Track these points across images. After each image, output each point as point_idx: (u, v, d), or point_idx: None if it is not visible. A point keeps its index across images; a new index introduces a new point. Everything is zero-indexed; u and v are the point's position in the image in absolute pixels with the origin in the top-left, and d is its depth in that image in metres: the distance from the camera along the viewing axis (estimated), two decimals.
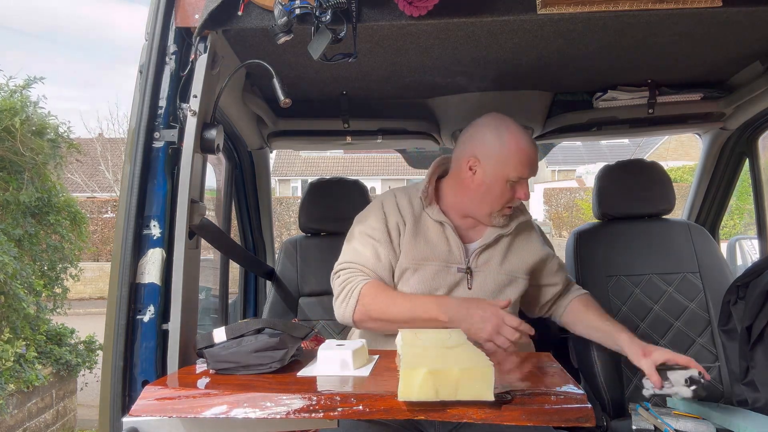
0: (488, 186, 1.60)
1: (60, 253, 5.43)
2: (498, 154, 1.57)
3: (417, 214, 1.66)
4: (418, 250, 1.61)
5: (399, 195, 1.71)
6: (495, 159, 1.58)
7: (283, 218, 16.00)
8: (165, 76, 1.36)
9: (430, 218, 1.65)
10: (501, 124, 1.60)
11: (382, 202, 1.69)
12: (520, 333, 1.45)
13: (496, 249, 1.66)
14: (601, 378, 1.98)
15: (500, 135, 1.58)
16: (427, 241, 1.63)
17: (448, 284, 1.61)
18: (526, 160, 1.57)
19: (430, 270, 1.60)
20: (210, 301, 2.50)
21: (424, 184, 1.68)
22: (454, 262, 1.62)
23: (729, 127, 2.44)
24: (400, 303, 1.53)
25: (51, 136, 5.14)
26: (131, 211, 1.30)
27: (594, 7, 1.31)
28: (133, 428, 1.09)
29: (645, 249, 2.21)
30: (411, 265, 1.60)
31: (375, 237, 1.62)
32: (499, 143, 1.58)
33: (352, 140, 2.50)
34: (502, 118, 1.63)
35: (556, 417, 1.00)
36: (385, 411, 1.01)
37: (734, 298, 1.80)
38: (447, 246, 1.63)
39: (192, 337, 1.32)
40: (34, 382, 4.48)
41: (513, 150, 1.56)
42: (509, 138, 1.57)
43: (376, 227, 1.63)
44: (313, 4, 1.25)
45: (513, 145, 1.57)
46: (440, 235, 1.64)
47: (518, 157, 1.56)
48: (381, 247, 1.61)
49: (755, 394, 1.69)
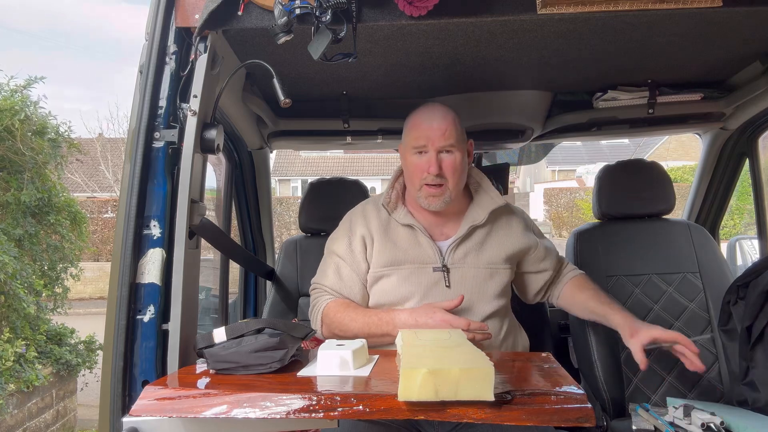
0: (404, 163, 1.68)
1: (60, 253, 5.43)
2: (404, 131, 1.69)
3: (385, 221, 1.70)
4: (388, 256, 1.64)
5: (368, 206, 1.76)
6: (403, 136, 1.69)
7: (283, 218, 16.01)
8: (165, 76, 1.36)
9: (398, 223, 1.67)
10: (417, 108, 1.69)
11: (350, 218, 1.76)
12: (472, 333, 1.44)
13: (471, 242, 1.66)
14: (601, 378, 1.98)
15: (409, 115, 1.69)
16: (398, 245, 1.65)
17: (424, 285, 1.61)
18: (420, 129, 1.61)
19: (404, 273, 1.63)
20: (210, 301, 2.50)
21: (386, 191, 1.73)
22: (428, 263, 1.63)
23: (729, 127, 2.45)
24: (357, 320, 1.58)
25: (51, 136, 5.14)
26: (131, 211, 1.30)
27: (594, 7, 1.31)
28: (133, 428, 1.09)
29: (645, 249, 2.21)
30: (384, 271, 1.64)
31: (339, 255, 1.69)
32: (406, 122, 1.69)
33: (352, 140, 2.50)
34: (426, 103, 1.70)
35: (556, 417, 1.00)
36: (385, 411, 1.01)
37: (734, 298, 1.80)
38: (419, 247, 1.65)
39: (192, 337, 1.32)
40: (34, 382, 4.48)
41: (411, 122, 1.66)
42: (411, 116, 1.68)
43: (341, 245, 1.70)
44: (313, 4, 1.25)
45: (412, 118, 1.66)
46: (410, 238, 1.66)
47: (414, 126, 1.63)
48: (344, 265, 1.68)
49: (755, 394, 1.69)
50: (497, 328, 1.63)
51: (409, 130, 1.65)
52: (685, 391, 2.05)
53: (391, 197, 1.71)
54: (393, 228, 1.68)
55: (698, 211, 2.73)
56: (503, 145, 2.64)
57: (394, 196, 1.72)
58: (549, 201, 18.66)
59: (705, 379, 2.05)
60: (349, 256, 1.68)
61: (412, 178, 1.64)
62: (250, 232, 2.69)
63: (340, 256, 1.69)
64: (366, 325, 1.56)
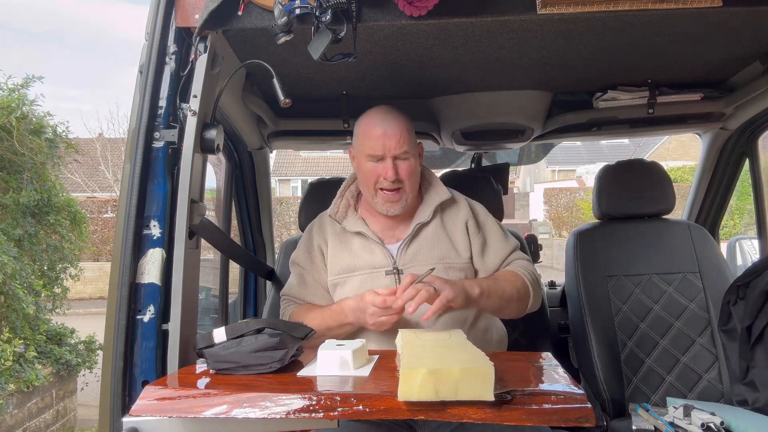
0: (358, 168, 1.68)
1: (60, 253, 5.43)
2: (356, 135, 1.68)
3: (339, 230, 1.72)
4: (341, 264, 1.67)
5: (323, 218, 1.79)
6: (355, 140, 1.69)
7: (283, 218, 16.01)
8: (165, 76, 1.36)
9: (349, 231, 1.69)
10: (367, 111, 1.67)
11: (309, 230, 1.80)
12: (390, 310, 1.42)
13: (420, 240, 1.66)
14: (601, 378, 1.98)
15: (360, 119, 1.67)
16: (351, 253, 1.68)
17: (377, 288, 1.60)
18: (373, 137, 1.59)
19: (357, 280, 1.65)
20: (210, 301, 2.50)
21: (334, 201, 1.75)
22: (380, 267, 1.64)
23: (729, 127, 2.44)
24: (315, 318, 1.60)
25: (49, 135, 5.14)
26: (131, 211, 1.30)
27: (594, 7, 1.31)
28: (133, 428, 1.09)
29: (645, 249, 2.21)
30: (338, 279, 1.68)
31: (301, 265, 1.75)
32: (357, 125, 1.68)
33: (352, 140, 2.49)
34: (374, 108, 1.67)
35: (556, 417, 1.00)
36: (385, 411, 1.01)
37: (734, 298, 1.80)
38: (371, 253, 1.66)
39: (192, 337, 1.32)
40: (34, 382, 4.48)
41: (363, 128, 1.64)
42: (363, 120, 1.66)
43: (302, 256, 1.76)
44: (313, 4, 1.25)
45: (363, 124, 1.65)
46: (362, 245, 1.68)
47: (367, 134, 1.61)
48: (306, 274, 1.74)
49: (755, 394, 1.69)
50: (461, 318, 1.62)
51: (362, 138, 1.63)
52: (685, 391, 2.05)
53: (339, 207, 1.74)
54: (346, 236, 1.71)
55: (698, 211, 2.73)
56: (503, 145, 2.64)
57: (343, 205, 1.75)
58: (549, 201, 18.66)
59: (705, 379, 2.05)
60: (309, 265, 1.74)
61: (367, 184, 1.64)
62: (250, 232, 2.68)
63: (302, 266, 1.75)
64: (323, 320, 1.58)
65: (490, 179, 2.45)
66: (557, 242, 14.83)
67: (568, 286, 2.27)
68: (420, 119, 2.40)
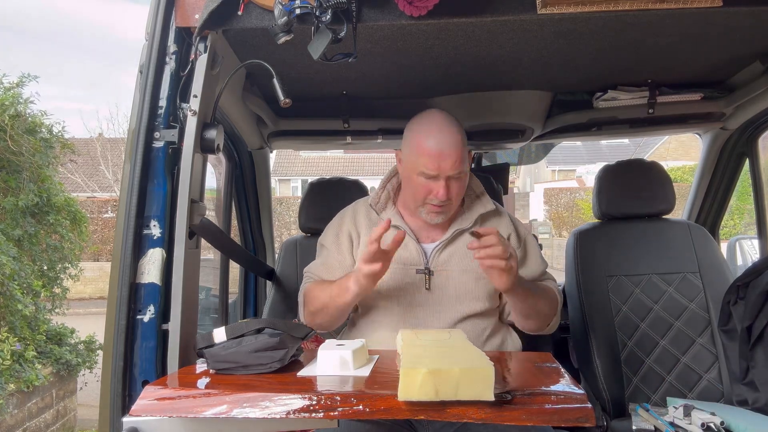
0: (407, 178, 1.61)
1: (60, 253, 5.43)
2: (409, 144, 1.59)
3: (374, 220, 1.70)
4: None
5: (359, 205, 1.77)
6: (407, 149, 1.60)
7: (283, 218, 16.01)
8: (165, 76, 1.36)
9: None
10: (422, 119, 1.60)
11: (341, 215, 1.78)
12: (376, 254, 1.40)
13: (456, 246, 1.65)
14: (601, 378, 1.98)
15: (414, 126, 1.60)
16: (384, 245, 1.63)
17: (405, 285, 1.61)
18: (430, 156, 1.51)
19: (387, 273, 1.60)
20: (210, 301, 2.50)
21: (376, 191, 1.73)
22: (412, 264, 1.63)
23: (729, 127, 2.44)
24: (325, 290, 1.61)
25: (44, 135, 5.14)
26: (131, 211, 1.30)
27: (594, 7, 1.31)
28: (133, 428, 1.09)
29: (645, 249, 2.21)
30: None
31: (326, 246, 1.75)
32: (411, 135, 1.59)
33: (352, 140, 2.50)
34: (428, 116, 1.61)
35: (556, 417, 1.00)
36: (385, 411, 1.01)
37: (734, 298, 1.80)
38: (404, 248, 1.63)
39: (192, 337, 1.32)
40: (34, 382, 4.48)
41: (419, 144, 1.54)
42: (418, 131, 1.57)
43: (329, 237, 1.75)
44: (313, 4, 1.25)
45: (417, 135, 1.56)
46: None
47: (424, 152, 1.53)
48: (330, 255, 1.72)
49: (755, 394, 1.69)
50: (479, 329, 1.62)
51: (417, 153, 1.54)
52: (685, 391, 2.05)
53: (381, 198, 1.71)
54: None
55: (698, 211, 2.73)
56: (503, 145, 2.64)
57: (384, 196, 1.72)
58: (549, 201, 18.66)
59: (705, 379, 2.05)
60: (335, 247, 1.72)
61: (415, 197, 1.59)
62: (250, 232, 2.69)
63: (327, 248, 1.74)
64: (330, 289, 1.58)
65: (490, 179, 2.46)
66: (557, 242, 14.83)
67: (568, 286, 2.27)
68: None
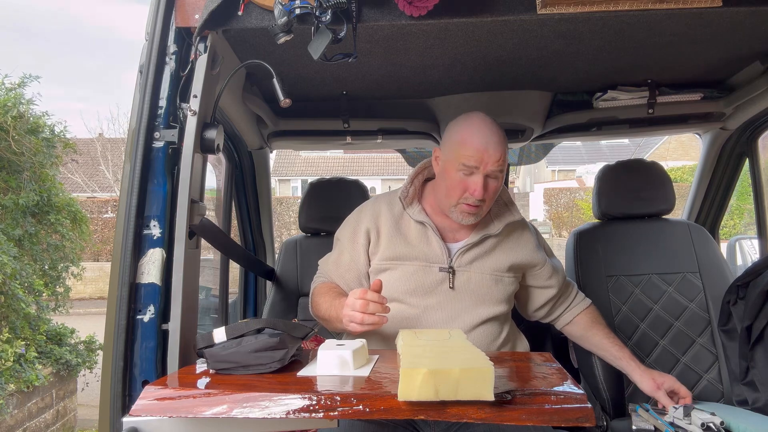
0: (444, 173, 1.59)
1: (61, 252, 5.43)
2: (451, 140, 1.58)
3: (397, 215, 1.68)
4: (395, 250, 1.63)
5: (379, 200, 1.74)
6: (449, 145, 1.58)
7: (283, 218, 16.01)
8: (165, 76, 1.36)
9: (411, 218, 1.65)
10: (468, 117, 1.60)
11: (360, 210, 1.75)
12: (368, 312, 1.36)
13: (481, 249, 1.65)
14: (601, 378, 1.98)
15: (458, 123, 1.60)
16: (407, 241, 1.64)
17: (428, 283, 1.61)
18: (474, 148, 1.51)
19: (410, 269, 1.62)
20: (210, 301, 2.50)
21: (404, 185, 1.70)
22: (435, 262, 1.62)
23: (729, 127, 2.45)
24: (325, 303, 1.60)
25: (46, 135, 5.14)
26: (131, 211, 1.30)
27: (594, 7, 1.31)
28: (133, 428, 1.09)
29: (645, 249, 2.21)
30: (389, 264, 1.63)
31: (342, 241, 1.73)
32: (455, 130, 1.59)
33: (352, 140, 2.50)
34: (474, 115, 1.61)
35: (556, 417, 1.00)
36: (385, 411, 1.01)
37: (734, 298, 1.80)
38: (428, 245, 1.63)
39: (192, 337, 1.32)
40: (34, 382, 4.49)
41: (463, 136, 1.55)
42: (464, 126, 1.57)
43: (346, 233, 1.72)
44: (313, 4, 1.25)
45: (463, 130, 1.56)
46: (421, 235, 1.64)
47: (467, 143, 1.53)
48: (345, 252, 1.70)
49: (755, 394, 1.70)
50: (495, 332, 1.63)
51: (459, 144, 1.53)
52: None
53: (409, 192, 1.68)
54: (405, 223, 1.66)
55: (698, 211, 2.73)
56: None
57: (412, 191, 1.69)
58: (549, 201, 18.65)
59: (705, 379, 2.05)
60: (350, 244, 1.69)
61: (450, 193, 1.57)
62: (250, 232, 2.69)
63: (342, 244, 1.72)
64: (328, 309, 1.57)
65: None
66: (557, 242, 14.83)
67: None
68: (420, 119, 2.40)
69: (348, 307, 1.39)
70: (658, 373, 1.67)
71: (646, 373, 1.66)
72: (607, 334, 1.75)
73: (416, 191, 1.71)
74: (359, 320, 1.36)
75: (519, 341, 1.74)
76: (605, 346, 1.74)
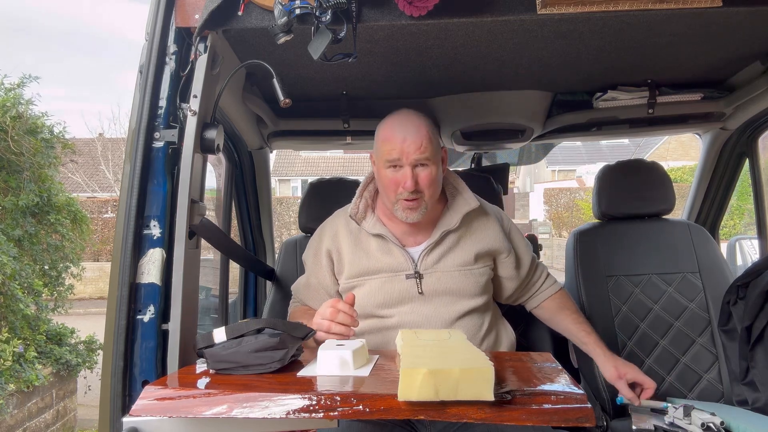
0: (378, 175, 1.63)
1: (61, 252, 5.43)
2: (376, 141, 1.62)
3: (355, 232, 1.69)
4: (359, 266, 1.64)
5: (336, 218, 1.76)
6: (375, 147, 1.63)
7: (283, 218, 16.01)
8: (165, 76, 1.36)
9: (369, 233, 1.66)
10: (388, 116, 1.62)
11: (320, 231, 1.78)
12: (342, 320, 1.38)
13: (443, 247, 1.64)
14: (601, 378, 1.98)
15: (380, 124, 1.62)
16: (369, 255, 1.65)
17: (397, 292, 1.61)
18: (393, 142, 1.53)
19: (377, 283, 1.63)
20: (210, 301, 2.50)
21: (353, 202, 1.71)
22: (400, 270, 1.62)
23: (729, 127, 2.45)
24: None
25: (45, 135, 5.14)
26: (131, 211, 1.30)
27: (594, 7, 1.31)
28: (133, 428, 1.09)
29: (645, 249, 2.21)
30: (356, 282, 1.65)
31: (307, 264, 1.78)
32: (377, 131, 1.62)
33: (352, 140, 2.50)
34: (395, 111, 1.62)
35: (556, 417, 1.00)
36: (385, 411, 1.01)
37: (734, 298, 1.80)
38: (390, 256, 1.63)
39: (192, 337, 1.32)
40: (34, 382, 4.49)
41: (383, 133, 1.58)
42: (384, 125, 1.60)
43: (310, 256, 1.77)
44: (313, 4, 1.25)
45: (384, 128, 1.59)
46: (381, 247, 1.65)
47: (387, 139, 1.55)
48: (311, 275, 1.75)
49: (755, 394, 1.69)
50: (476, 325, 1.63)
51: (381, 142, 1.57)
52: (685, 391, 2.05)
53: (359, 207, 1.69)
54: (364, 238, 1.67)
55: (698, 211, 2.73)
56: (503, 145, 2.64)
57: (363, 205, 1.70)
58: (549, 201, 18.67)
59: (705, 379, 2.05)
60: (314, 268, 1.74)
61: (386, 192, 1.59)
62: (250, 232, 2.68)
63: (309, 267, 1.77)
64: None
65: (490, 179, 2.45)
66: (557, 242, 14.83)
67: (567, 286, 2.27)
68: None
69: (318, 314, 1.41)
70: (623, 362, 1.65)
71: (610, 360, 1.65)
72: (575, 320, 1.75)
73: (367, 204, 1.71)
74: (326, 328, 1.38)
75: (504, 330, 1.73)
76: (572, 330, 1.75)
